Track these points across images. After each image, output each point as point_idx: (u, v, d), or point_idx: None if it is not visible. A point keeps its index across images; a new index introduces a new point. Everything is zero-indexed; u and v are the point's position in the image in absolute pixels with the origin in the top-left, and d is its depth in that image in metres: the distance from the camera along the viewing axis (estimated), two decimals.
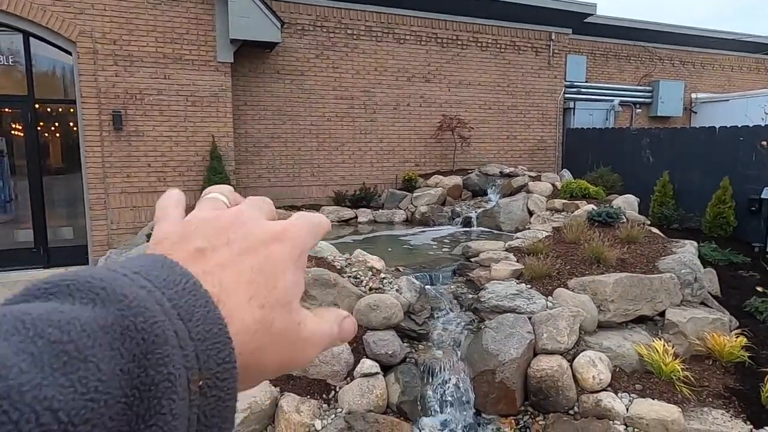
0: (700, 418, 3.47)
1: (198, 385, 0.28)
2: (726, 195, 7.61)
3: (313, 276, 4.21)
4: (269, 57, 8.54)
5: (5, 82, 7.07)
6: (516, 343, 3.79)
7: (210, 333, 0.29)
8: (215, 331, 0.29)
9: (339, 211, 8.38)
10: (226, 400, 0.29)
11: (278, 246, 0.37)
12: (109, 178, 7.30)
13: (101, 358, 0.25)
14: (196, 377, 0.28)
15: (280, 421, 3.41)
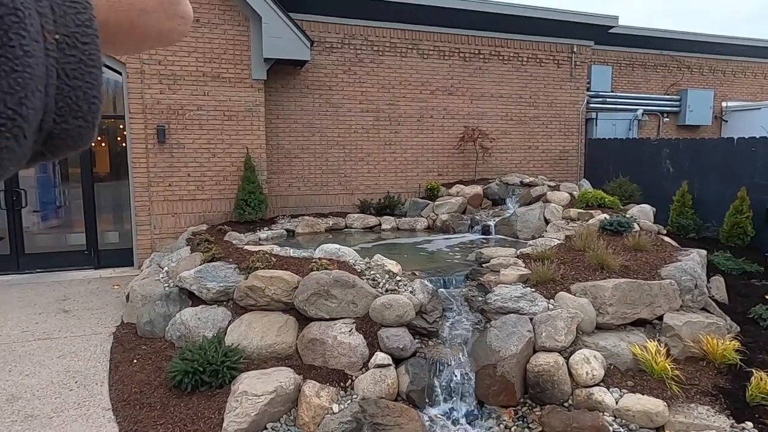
0: (686, 413, 3.75)
1: (54, 38, 0.27)
2: (744, 205, 7.72)
3: (334, 277, 4.67)
4: (299, 74, 9.12)
5: None
6: (516, 341, 4.15)
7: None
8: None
9: (364, 218, 8.84)
10: (88, 64, 0.29)
11: None
12: (153, 186, 7.96)
13: None
14: (51, 29, 0.27)
15: (302, 404, 3.86)
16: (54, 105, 0.28)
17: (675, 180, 9.17)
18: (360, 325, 4.49)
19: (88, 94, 0.30)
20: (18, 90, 0.25)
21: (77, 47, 0.29)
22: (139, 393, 4.14)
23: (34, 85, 0.26)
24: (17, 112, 0.26)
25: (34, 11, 0.26)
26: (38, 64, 0.26)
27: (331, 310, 4.55)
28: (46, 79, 0.27)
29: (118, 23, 0.33)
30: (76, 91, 0.29)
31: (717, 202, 8.36)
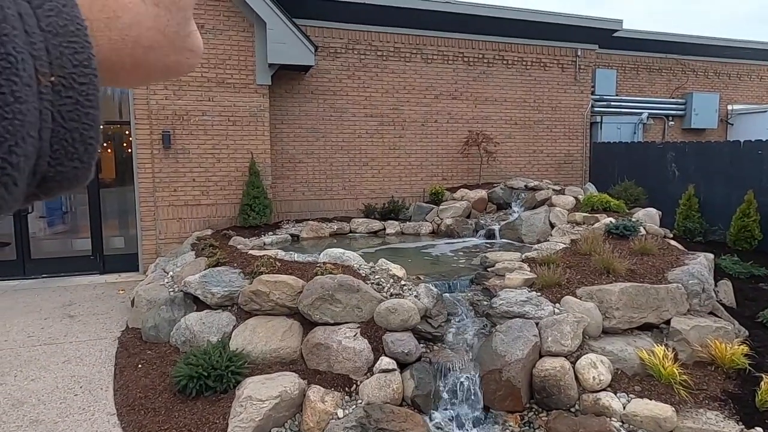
0: (694, 418, 3.70)
1: (50, 80, 0.27)
2: (750, 208, 7.67)
3: (339, 282, 4.66)
4: (304, 79, 9.15)
5: None
6: (522, 345, 4.12)
7: (64, 29, 0.27)
8: (71, 29, 0.28)
9: (368, 223, 8.83)
10: (85, 106, 0.28)
11: None
12: (158, 192, 7.99)
13: None
14: (46, 71, 0.26)
15: (306, 409, 3.85)
16: (49, 148, 0.27)
17: (681, 183, 9.12)
18: (365, 330, 4.47)
19: (84, 135, 0.29)
20: (8, 138, 0.25)
21: (74, 88, 0.28)
22: (143, 398, 4.14)
23: (25, 131, 0.25)
24: (6, 160, 0.25)
25: (27, 54, 0.25)
26: (31, 109, 0.26)
27: (335, 315, 4.54)
28: (39, 123, 0.26)
29: (121, 62, 0.32)
30: (72, 133, 0.28)
31: (724, 206, 8.31)
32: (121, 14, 0.31)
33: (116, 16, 0.31)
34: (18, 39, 0.25)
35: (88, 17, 0.29)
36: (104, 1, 0.31)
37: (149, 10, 0.33)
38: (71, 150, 0.29)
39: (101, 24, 0.30)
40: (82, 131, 0.29)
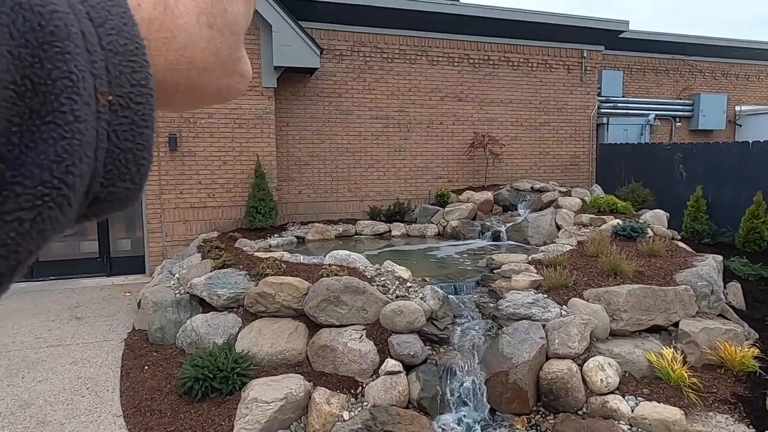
0: (704, 421, 3.66)
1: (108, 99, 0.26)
2: (759, 210, 7.59)
3: (344, 283, 4.65)
4: (309, 81, 9.17)
5: None
6: (529, 348, 4.09)
7: (125, 48, 0.27)
8: (131, 48, 0.27)
9: (374, 225, 8.82)
10: (141, 126, 0.28)
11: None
12: (165, 194, 8.02)
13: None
14: (104, 90, 0.26)
15: (312, 411, 3.83)
16: (102, 168, 0.27)
17: (688, 185, 9.05)
18: (370, 332, 4.46)
19: (138, 156, 0.29)
20: (66, 158, 0.24)
21: (130, 108, 0.28)
22: (149, 399, 4.14)
23: (83, 151, 0.25)
24: (63, 180, 0.24)
25: (88, 73, 0.25)
26: (89, 128, 0.25)
27: (341, 317, 4.53)
28: (95, 143, 0.26)
29: (175, 83, 0.32)
30: (126, 153, 0.28)
31: (732, 207, 8.24)
32: (177, 35, 0.31)
33: (172, 36, 0.31)
34: (80, 57, 0.25)
35: (145, 36, 0.29)
36: (161, 21, 0.31)
37: (203, 32, 0.33)
38: (124, 170, 0.28)
39: (158, 44, 0.30)
40: (136, 152, 0.28)
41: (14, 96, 0.23)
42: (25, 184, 0.23)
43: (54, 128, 0.24)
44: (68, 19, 0.25)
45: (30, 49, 0.23)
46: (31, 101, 0.23)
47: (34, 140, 0.23)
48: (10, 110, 0.23)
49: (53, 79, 0.24)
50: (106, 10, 0.27)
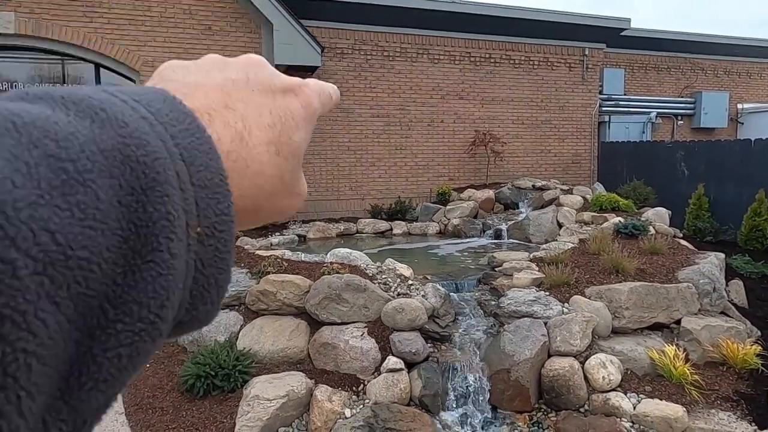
0: (706, 419, 3.65)
1: (196, 232, 0.28)
2: (762, 208, 7.57)
3: (346, 281, 4.64)
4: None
5: None
6: (530, 345, 4.09)
7: (211, 182, 0.29)
8: (216, 181, 0.29)
9: (375, 223, 8.82)
10: (222, 252, 0.29)
11: (294, 99, 0.37)
12: None
13: (100, 185, 0.23)
14: (194, 223, 0.28)
15: (313, 409, 3.83)
16: (188, 295, 0.28)
17: (690, 183, 9.03)
18: (372, 330, 4.46)
19: (219, 279, 0.30)
20: (162, 293, 0.25)
21: (215, 236, 0.29)
22: (151, 397, 4.15)
23: (176, 285, 0.26)
24: (159, 315, 0.26)
25: (181, 210, 0.27)
26: (182, 262, 0.27)
27: (342, 315, 4.53)
28: (185, 274, 0.27)
29: (245, 206, 0.34)
30: (209, 278, 0.29)
31: (734, 205, 8.22)
32: (251, 164, 0.33)
33: (246, 166, 0.33)
34: (176, 197, 0.26)
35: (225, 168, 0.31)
36: (238, 152, 0.33)
37: (272, 160, 0.35)
38: (206, 294, 0.29)
39: (234, 173, 0.32)
40: (218, 276, 0.30)
41: (121, 240, 0.24)
42: (126, 321, 0.24)
43: (153, 267, 0.25)
44: (166, 163, 0.26)
45: (135, 196, 0.25)
46: (134, 243, 0.25)
47: (135, 279, 0.25)
48: (117, 254, 0.24)
49: (154, 221, 0.25)
50: (195, 148, 0.28)
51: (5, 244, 0.19)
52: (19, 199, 0.20)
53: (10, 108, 0.23)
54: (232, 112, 0.33)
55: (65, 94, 0.25)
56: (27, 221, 0.20)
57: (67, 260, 0.21)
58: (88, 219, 0.22)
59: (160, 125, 0.27)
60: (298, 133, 0.37)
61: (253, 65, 0.37)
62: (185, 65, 0.36)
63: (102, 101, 0.26)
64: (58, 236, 0.21)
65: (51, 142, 0.22)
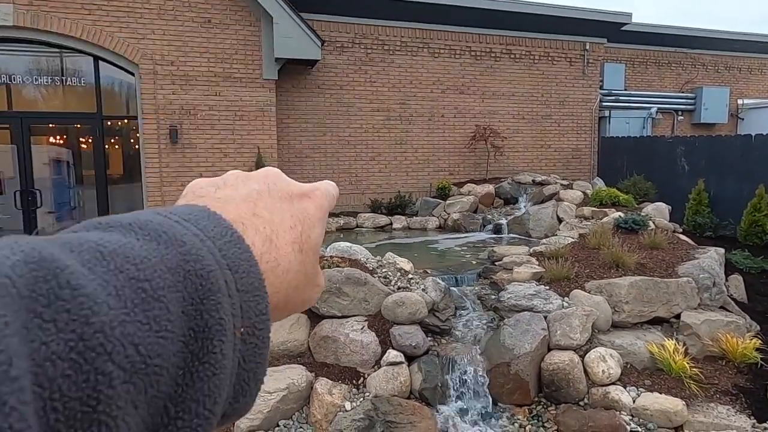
0: (705, 412, 3.67)
1: (240, 332, 0.30)
2: (762, 203, 7.56)
3: (346, 275, 4.64)
4: (310, 73, 9.13)
5: (77, 101, 7.93)
6: (531, 339, 4.09)
7: (252, 286, 0.32)
8: (256, 285, 0.32)
9: (375, 217, 8.82)
10: (261, 348, 0.32)
11: (309, 202, 0.42)
12: (166, 186, 8.01)
13: (170, 299, 0.27)
14: (239, 324, 0.30)
15: (314, 401, 3.84)
16: (231, 389, 0.31)
17: (690, 178, 9.02)
18: (372, 323, 4.46)
19: (258, 373, 0.33)
20: (215, 391, 0.28)
21: (255, 335, 0.32)
22: None
23: (226, 382, 0.29)
24: (212, 411, 0.28)
25: (230, 314, 0.30)
26: (229, 361, 0.30)
27: (343, 308, 4.53)
28: (231, 371, 0.30)
29: (276, 301, 0.37)
30: (249, 373, 0.32)
31: (734, 200, 8.21)
32: (281, 263, 0.37)
33: (277, 264, 0.37)
34: (226, 303, 0.30)
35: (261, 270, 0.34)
36: (269, 254, 0.36)
37: (296, 256, 0.38)
38: (246, 388, 0.32)
39: (267, 273, 0.35)
40: (256, 370, 0.33)
41: (183, 345, 0.27)
42: (185, 418, 0.27)
43: (208, 367, 0.28)
44: (217, 274, 0.30)
45: (194, 306, 0.28)
46: (192, 347, 0.28)
47: (193, 380, 0.28)
48: (180, 358, 0.27)
49: (209, 326, 0.28)
50: (238, 257, 0.32)
51: (104, 359, 0.23)
52: (113, 319, 0.24)
53: (94, 239, 0.27)
54: (260, 219, 0.37)
55: (132, 221, 0.30)
56: (120, 338, 0.24)
57: (146, 368, 0.25)
58: (162, 330, 0.26)
59: (209, 240, 0.31)
60: (315, 230, 0.41)
61: (271, 176, 0.42)
62: (213, 182, 0.40)
63: (162, 224, 0.30)
64: (140, 348, 0.25)
65: (131, 266, 0.26)
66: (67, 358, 0.22)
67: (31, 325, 0.22)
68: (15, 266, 0.23)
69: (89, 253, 0.26)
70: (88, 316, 0.23)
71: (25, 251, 0.24)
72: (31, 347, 0.21)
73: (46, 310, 0.23)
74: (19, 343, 0.21)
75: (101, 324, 0.23)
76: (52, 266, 0.24)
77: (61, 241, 0.26)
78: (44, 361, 0.22)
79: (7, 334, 0.21)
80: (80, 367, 0.22)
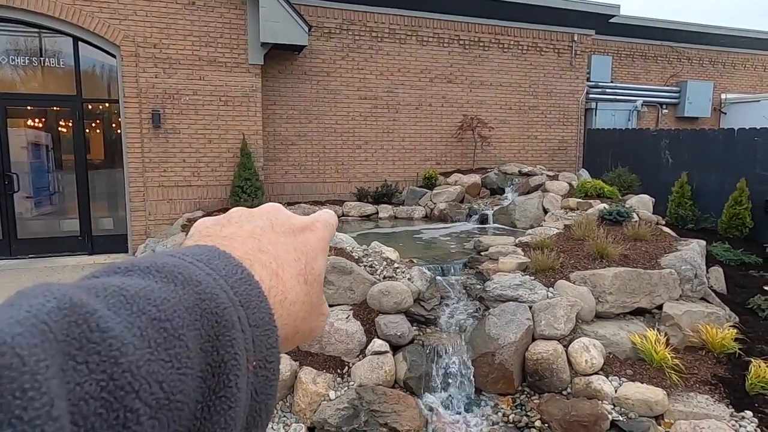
0: (685, 401, 3.72)
1: (253, 366, 0.32)
2: (743, 196, 7.68)
3: (332, 263, 4.60)
4: (297, 59, 8.99)
5: (56, 83, 7.71)
6: (515, 329, 4.10)
7: (262, 321, 0.33)
8: (266, 320, 0.34)
9: (361, 206, 8.77)
10: (271, 379, 0.33)
11: (311, 234, 0.43)
12: (148, 172, 7.86)
13: (189, 337, 0.28)
14: (251, 358, 0.32)
15: (298, 390, 3.82)
16: (244, 420, 0.32)
17: (674, 171, 9.12)
18: (357, 312, 4.44)
19: (269, 404, 0.34)
20: (231, 423, 0.30)
21: (266, 367, 0.33)
22: None
23: (240, 414, 0.31)
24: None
25: (243, 349, 0.31)
26: (244, 394, 0.31)
27: (328, 297, 4.49)
28: (245, 403, 0.31)
29: (285, 333, 0.38)
30: (260, 404, 0.33)
31: (716, 194, 8.33)
32: (288, 295, 0.38)
33: (284, 297, 0.38)
34: (240, 339, 0.31)
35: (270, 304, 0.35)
36: (276, 287, 0.38)
37: (302, 288, 0.39)
38: (258, 419, 0.33)
39: (276, 306, 0.36)
40: (267, 402, 0.34)
41: (201, 380, 0.29)
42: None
43: (224, 401, 0.29)
44: (231, 311, 0.31)
45: (211, 342, 0.29)
46: (210, 382, 0.29)
47: (211, 413, 0.29)
48: (198, 392, 0.28)
49: (225, 361, 0.30)
50: (249, 293, 0.33)
51: (132, 396, 0.24)
52: (139, 358, 0.25)
53: (116, 283, 0.28)
54: (266, 254, 0.38)
55: (149, 264, 0.31)
56: (145, 376, 0.25)
57: (170, 404, 0.26)
58: (183, 367, 0.27)
59: (221, 278, 0.33)
60: (317, 262, 0.42)
61: (272, 212, 0.43)
62: (218, 221, 0.42)
63: (177, 266, 0.31)
64: (164, 385, 0.26)
65: (153, 308, 0.28)
66: (99, 397, 0.24)
67: (66, 367, 0.23)
68: (51, 312, 0.24)
69: (114, 297, 0.27)
70: (117, 357, 0.25)
71: (58, 297, 0.25)
72: (67, 388, 0.23)
73: (79, 352, 0.24)
74: (58, 385, 0.22)
75: (128, 364, 0.25)
76: (83, 311, 0.25)
77: (87, 287, 0.28)
78: (79, 401, 0.23)
79: (48, 377, 0.22)
80: (111, 405, 0.24)
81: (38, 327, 0.23)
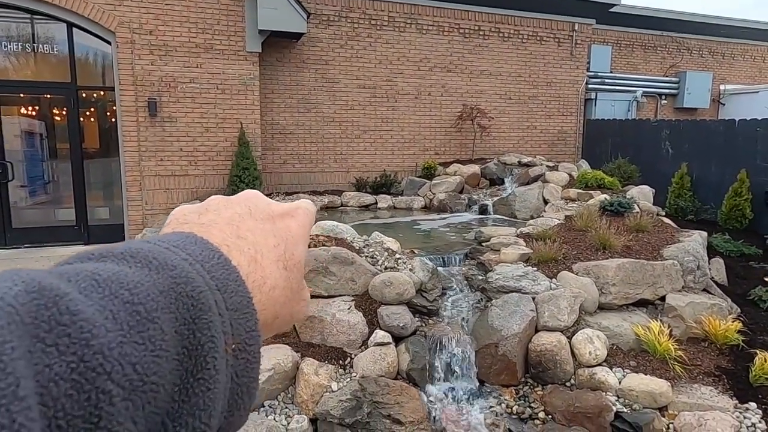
0: (689, 393, 3.71)
1: (231, 348, 0.32)
2: (743, 187, 7.67)
3: (333, 254, 4.55)
4: (295, 47, 8.87)
5: (50, 70, 7.57)
6: (518, 320, 4.08)
7: (240, 304, 0.34)
8: (244, 303, 0.34)
9: (360, 196, 8.71)
10: (252, 362, 0.34)
11: (292, 221, 0.43)
12: (144, 161, 7.76)
13: (163, 320, 0.28)
14: (230, 341, 0.32)
15: (300, 382, 3.78)
16: (226, 403, 0.32)
17: (674, 161, 9.09)
18: (359, 303, 4.40)
19: (250, 387, 0.34)
20: (210, 405, 0.30)
21: (246, 350, 0.33)
22: None
23: (220, 396, 0.31)
24: (208, 424, 0.30)
25: (221, 332, 0.31)
26: (223, 376, 0.31)
27: (329, 287, 4.45)
28: (225, 386, 0.32)
29: (265, 317, 0.37)
30: (242, 387, 0.33)
31: (716, 185, 8.31)
32: (267, 281, 0.38)
33: (263, 282, 0.38)
34: (217, 322, 0.31)
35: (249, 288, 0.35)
36: (255, 273, 0.38)
37: (281, 273, 0.40)
38: (240, 402, 0.33)
39: (254, 291, 0.36)
40: (249, 384, 0.34)
41: (177, 363, 0.29)
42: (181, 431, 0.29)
43: (202, 383, 0.30)
44: (207, 294, 0.31)
45: (187, 325, 0.30)
46: (187, 364, 0.29)
47: (189, 395, 0.29)
48: (175, 375, 0.29)
49: (202, 344, 0.30)
50: (226, 278, 0.34)
51: (104, 378, 0.24)
52: (111, 340, 0.25)
53: (89, 268, 0.28)
54: (243, 241, 0.38)
55: (123, 250, 0.31)
56: (118, 358, 0.25)
57: (144, 386, 0.26)
58: (157, 349, 0.27)
59: (197, 263, 0.33)
60: (298, 248, 0.43)
61: (252, 199, 0.43)
62: (195, 209, 0.41)
63: (152, 251, 0.31)
64: (138, 367, 0.26)
65: (125, 292, 0.28)
66: (69, 379, 0.23)
67: (34, 349, 0.23)
68: (17, 296, 0.24)
69: (85, 282, 0.27)
70: (88, 339, 0.24)
71: (26, 281, 0.25)
72: (35, 369, 0.22)
73: (48, 335, 0.24)
74: (25, 366, 0.22)
75: (100, 346, 0.25)
76: (52, 294, 0.25)
77: (58, 272, 0.28)
78: (48, 382, 0.23)
79: (14, 358, 0.22)
80: (82, 386, 0.24)
81: (4, 309, 0.23)
